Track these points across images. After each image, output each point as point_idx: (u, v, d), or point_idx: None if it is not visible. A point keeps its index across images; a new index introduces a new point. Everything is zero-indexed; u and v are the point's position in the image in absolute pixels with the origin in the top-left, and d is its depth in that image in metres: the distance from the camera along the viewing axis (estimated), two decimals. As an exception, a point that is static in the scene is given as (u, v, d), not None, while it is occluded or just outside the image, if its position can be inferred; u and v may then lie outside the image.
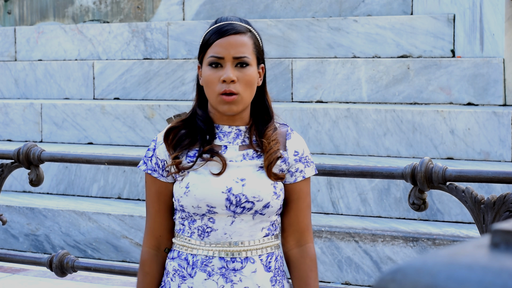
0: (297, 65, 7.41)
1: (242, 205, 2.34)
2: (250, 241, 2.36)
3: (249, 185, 2.35)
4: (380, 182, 5.77)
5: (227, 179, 2.35)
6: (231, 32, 2.38)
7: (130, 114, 7.57)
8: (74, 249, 6.37)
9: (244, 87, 2.37)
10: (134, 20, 9.25)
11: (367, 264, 5.38)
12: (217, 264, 2.35)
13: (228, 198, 2.33)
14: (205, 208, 2.34)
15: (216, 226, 2.35)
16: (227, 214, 2.35)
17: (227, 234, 2.35)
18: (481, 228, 3.24)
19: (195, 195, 2.33)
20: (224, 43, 2.37)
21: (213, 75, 2.37)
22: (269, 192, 2.36)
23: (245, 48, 2.38)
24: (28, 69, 8.75)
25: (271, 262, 2.40)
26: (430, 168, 3.30)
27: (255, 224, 2.37)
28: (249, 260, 2.36)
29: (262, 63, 2.45)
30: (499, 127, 6.11)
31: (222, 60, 2.37)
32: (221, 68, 2.37)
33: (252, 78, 2.39)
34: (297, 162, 2.45)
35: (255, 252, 2.37)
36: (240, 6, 8.62)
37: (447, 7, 7.35)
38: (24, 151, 4.20)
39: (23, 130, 8.06)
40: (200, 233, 2.37)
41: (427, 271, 1.01)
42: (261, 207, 2.35)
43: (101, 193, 6.88)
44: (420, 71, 6.91)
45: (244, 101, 2.38)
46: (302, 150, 2.46)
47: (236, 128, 2.42)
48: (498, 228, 1.05)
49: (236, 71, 2.37)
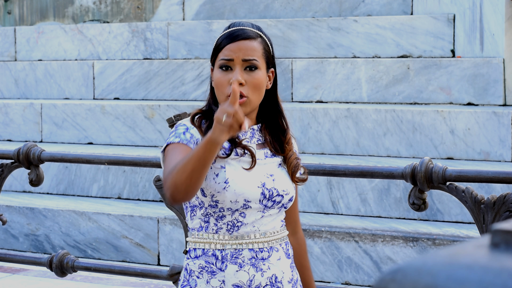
0: (297, 65, 7.42)
1: (273, 198, 2.48)
2: (273, 232, 2.51)
3: (278, 180, 2.49)
4: (380, 182, 5.77)
5: (259, 174, 2.47)
6: (241, 37, 2.50)
7: (130, 114, 7.57)
8: (74, 249, 6.37)
9: (252, 90, 2.47)
10: (134, 20, 9.25)
11: (367, 264, 5.38)
12: (247, 255, 2.46)
13: (262, 192, 2.46)
14: (241, 203, 2.44)
15: (246, 220, 2.47)
16: (258, 209, 2.46)
17: (255, 227, 2.48)
18: (481, 228, 3.24)
19: (235, 190, 2.42)
20: (234, 47, 2.48)
21: (222, 77, 2.47)
22: (292, 187, 2.54)
23: (254, 52, 2.49)
24: (28, 69, 8.75)
25: (289, 250, 2.57)
26: (430, 168, 3.30)
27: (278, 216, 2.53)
28: (274, 249, 2.50)
29: (272, 68, 2.56)
30: (499, 127, 6.11)
31: (232, 62, 2.47)
32: (231, 71, 2.47)
33: (261, 82, 2.49)
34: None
35: (278, 241, 2.52)
36: (240, 6, 8.62)
37: (447, 7, 7.35)
38: (24, 151, 4.20)
39: (23, 130, 8.06)
40: (229, 228, 2.46)
41: (427, 271, 1.01)
42: (287, 201, 2.51)
43: (101, 193, 6.88)
44: (420, 71, 6.91)
45: (251, 104, 2.48)
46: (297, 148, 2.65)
47: (251, 128, 2.52)
48: (498, 228, 1.06)
49: (245, 74, 2.46)
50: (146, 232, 6.12)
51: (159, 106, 7.45)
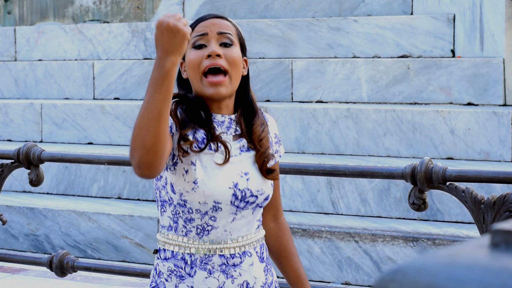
0: (297, 65, 7.41)
1: (246, 199, 2.31)
2: (247, 235, 2.36)
3: (253, 179, 2.33)
4: (380, 182, 5.77)
5: (232, 173, 2.30)
6: (213, 15, 2.39)
7: (130, 114, 7.57)
8: (74, 249, 6.37)
9: (230, 65, 2.31)
10: (134, 20, 9.25)
11: (367, 264, 5.38)
12: (217, 261, 2.32)
13: (234, 194, 2.29)
14: (211, 204, 2.28)
15: (217, 224, 2.31)
16: (229, 211, 2.30)
17: (227, 231, 2.32)
18: (481, 228, 3.24)
19: (204, 191, 2.26)
20: (206, 23, 2.36)
21: (197, 54, 2.32)
22: (268, 185, 2.37)
23: (228, 27, 2.37)
24: (28, 69, 8.75)
25: (263, 253, 2.42)
26: (430, 168, 3.30)
27: (253, 218, 2.37)
28: (246, 254, 2.36)
29: (245, 56, 2.41)
30: (499, 127, 6.11)
31: (206, 37, 2.33)
32: (205, 48, 2.33)
33: (238, 57, 2.34)
34: (275, 144, 2.48)
35: (251, 245, 2.37)
36: (240, 6, 8.62)
37: (447, 7, 7.35)
38: (24, 151, 4.20)
39: (23, 130, 8.06)
40: (198, 232, 2.31)
41: (427, 271, 1.01)
42: (262, 200, 2.36)
43: (101, 193, 6.88)
44: (420, 71, 6.91)
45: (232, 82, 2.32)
46: (277, 132, 2.51)
47: (228, 117, 2.36)
48: (498, 228, 1.06)
49: (221, 49, 2.32)
50: (146, 232, 6.12)
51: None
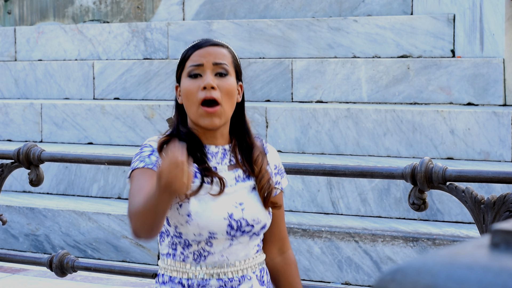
0: (297, 65, 7.41)
1: (242, 229, 2.33)
2: (245, 260, 2.36)
3: (248, 209, 2.33)
4: (380, 182, 5.77)
5: (227, 204, 2.32)
6: (209, 43, 2.37)
7: (130, 114, 7.57)
8: (74, 249, 6.37)
9: (224, 97, 2.32)
10: (134, 20, 9.25)
11: (367, 264, 5.38)
12: (215, 284, 2.33)
13: (229, 224, 2.30)
14: (206, 235, 2.30)
15: (213, 250, 2.33)
16: (225, 239, 2.32)
17: (224, 256, 2.34)
18: (481, 228, 3.24)
19: (198, 224, 2.28)
20: (202, 52, 2.35)
21: (192, 85, 2.33)
22: (265, 214, 2.37)
23: (224, 57, 2.36)
24: (28, 69, 8.75)
25: (263, 276, 2.42)
26: (430, 168, 3.30)
27: (251, 244, 2.38)
28: (245, 278, 2.36)
29: (240, 81, 2.41)
30: (499, 127, 6.11)
31: (202, 67, 2.33)
32: (201, 78, 2.33)
33: (233, 88, 2.34)
34: (276, 175, 2.45)
35: (250, 269, 2.37)
36: (240, 6, 8.62)
37: (447, 7, 7.35)
38: (24, 151, 4.20)
39: (23, 130, 8.06)
40: (195, 257, 2.33)
41: (427, 271, 1.01)
42: (259, 229, 2.36)
43: (101, 193, 6.88)
44: (420, 71, 6.91)
45: (225, 114, 2.32)
46: (279, 163, 2.47)
47: (222, 148, 2.37)
48: (498, 228, 1.06)
49: (216, 80, 2.32)
50: (146, 232, 6.12)
51: (159, 106, 7.45)
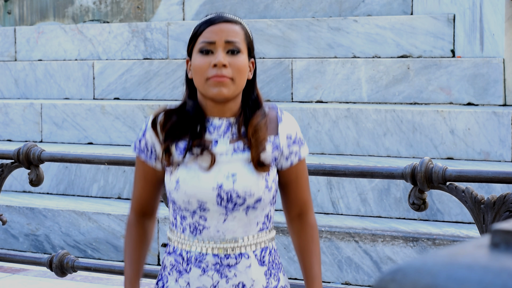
0: (297, 65, 7.41)
1: (233, 201, 2.31)
2: (244, 238, 2.35)
3: (240, 181, 2.31)
4: (380, 182, 5.77)
5: (218, 174, 2.31)
6: (222, 19, 2.37)
7: (130, 114, 7.57)
8: (74, 249, 6.37)
9: (235, 73, 2.32)
10: (134, 20, 9.25)
11: (367, 264, 5.38)
12: (211, 260, 2.34)
13: (219, 194, 2.30)
14: (195, 204, 2.32)
15: (208, 224, 2.33)
16: (219, 212, 2.32)
17: (220, 231, 2.33)
18: (481, 228, 3.24)
19: (185, 191, 2.31)
20: (215, 29, 2.35)
21: (203, 60, 2.33)
22: (261, 187, 2.33)
23: (236, 34, 2.35)
24: (28, 69, 8.75)
25: (265, 257, 2.39)
26: (430, 168, 3.30)
27: (249, 220, 2.35)
28: (243, 256, 2.35)
29: (252, 58, 2.41)
30: (499, 127, 6.11)
31: (213, 45, 2.33)
32: (212, 54, 2.33)
33: (244, 65, 2.34)
34: (290, 146, 2.40)
35: (249, 248, 2.36)
36: (240, 6, 8.62)
37: (447, 7, 7.35)
38: (24, 151, 4.20)
39: (23, 130, 8.06)
40: (192, 230, 2.35)
41: (427, 271, 1.01)
42: (253, 202, 2.32)
43: (101, 193, 6.88)
44: (420, 71, 6.91)
45: (235, 86, 2.33)
46: (295, 133, 2.41)
47: (227, 120, 2.36)
48: (498, 228, 1.06)
49: (227, 57, 2.32)
50: (146, 232, 6.12)
51: (159, 106, 7.45)
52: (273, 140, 2.38)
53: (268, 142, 2.36)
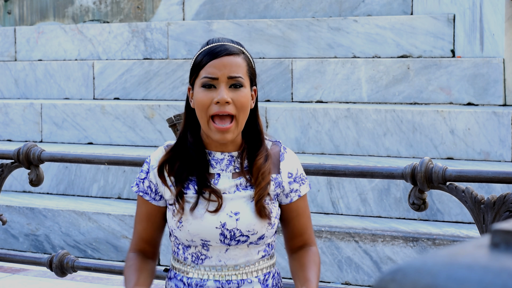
0: (297, 65, 7.41)
1: (236, 238, 2.32)
2: (246, 266, 2.36)
3: (243, 220, 2.31)
4: (380, 182, 5.77)
5: (221, 213, 2.32)
6: (224, 53, 2.33)
7: (130, 114, 7.57)
8: (74, 249, 6.37)
9: (238, 109, 2.31)
10: (134, 20, 9.25)
11: (367, 264, 5.38)
12: (212, 285, 2.34)
13: (222, 233, 2.31)
14: (199, 242, 2.33)
15: (210, 254, 2.35)
16: (221, 245, 2.34)
17: (221, 261, 2.35)
18: (481, 228, 3.23)
19: (188, 230, 2.32)
20: (217, 63, 2.31)
21: (206, 96, 2.31)
22: (263, 225, 2.34)
23: (239, 68, 2.33)
24: (28, 69, 8.75)
25: (268, 280, 2.39)
26: (430, 168, 3.30)
27: (251, 251, 2.37)
28: (246, 282, 2.36)
29: (254, 85, 2.40)
30: (499, 127, 6.11)
31: (216, 81, 2.31)
32: (215, 89, 2.31)
33: (247, 100, 2.33)
34: (291, 183, 2.40)
35: (251, 274, 2.36)
36: (240, 6, 8.62)
37: (447, 7, 7.35)
38: (24, 151, 4.20)
39: (23, 130, 8.06)
40: (194, 259, 2.36)
41: (427, 271, 1.01)
42: (256, 239, 2.34)
43: (101, 193, 6.87)
44: (420, 71, 6.91)
45: (239, 126, 2.32)
46: (296, 170, 2.41)
47: (229, 155, 2.36)
48: (498, 228, 1.06)
49: (230, 93, 2.31)
50: (146, 232, 6.12)
51: (159, 106, 7.45)
52: (274, 178, 2.38)
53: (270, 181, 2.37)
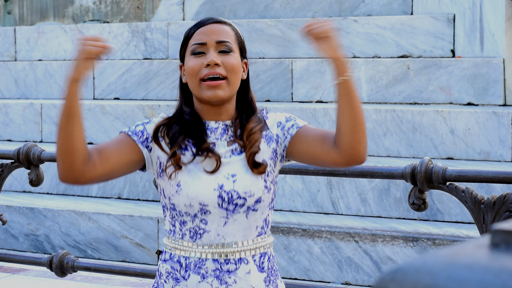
0: (297, 65, 7.41)
1: (234, 201, 2.31)
2: (243, 242, 2.35)
3: (240, 181, 2.32)
4: (380, 182, 5.77)
5: (218, 176, 2.32)
6: (212, 21, 2.40)
7: (130, 114, 7.57)
8: (74, 249, 6.37)
9: (229, 72, 2.34)
10: (134, 20, 9.25)
11: (367, 264, 5.38)
12: (211, 266, 2.33)
13: (220, 195, 2.30)
14: (197, 207, 2.31)
15: (208, 227, 2.33)
16: (220, 214, 2.32)
17: (220, 235, 2.33)
18: (481, 228, 3.24)
19: (187, 193, 2.31)
20: (205, 30, 2.38)
21: (195, 62, 2.35)
22: (260, 187, 2.34)
23: (227, 34, 2.38)
24: (28, 69, 8.76)
25: (264, 263, 2.39)
26: (430, 168, 3.30)
27: (249, 223, 2.35)
28: (242, 261, 2.34)
29: (245, 59, 2.43)
30: (499, 127, 6.11)
31: (205, 46, 2.36)
32: (204, 55, 2.35)
33: (237, 64, 2.36)
34: (284, 127, 2.42)
35: (249, 252, 2.35)
36: (240, 6, 8.62)
37: (447, 7, 7.35)
38: (24, 151, 4.20)
39: (23, 130, 8.06)
40: (192, 235, 2.34)
41: (427, 271, 1.01)
42: (253, 203, 2.33)
43: (101, 193, 6.88)
44: (420, 71, 6.91)
45: (230, 87, 2.34)
46: (283, 117, 2.44)
47: (223, 123, 2.38)
48: (498, 228, 1.06)
49: (219, 57, 2.34)
50: (146, 232, 6.12)
51: (159, 106, 7.46)
52: (265, 135, 2.39)
53: (262, 141, 2.38)
